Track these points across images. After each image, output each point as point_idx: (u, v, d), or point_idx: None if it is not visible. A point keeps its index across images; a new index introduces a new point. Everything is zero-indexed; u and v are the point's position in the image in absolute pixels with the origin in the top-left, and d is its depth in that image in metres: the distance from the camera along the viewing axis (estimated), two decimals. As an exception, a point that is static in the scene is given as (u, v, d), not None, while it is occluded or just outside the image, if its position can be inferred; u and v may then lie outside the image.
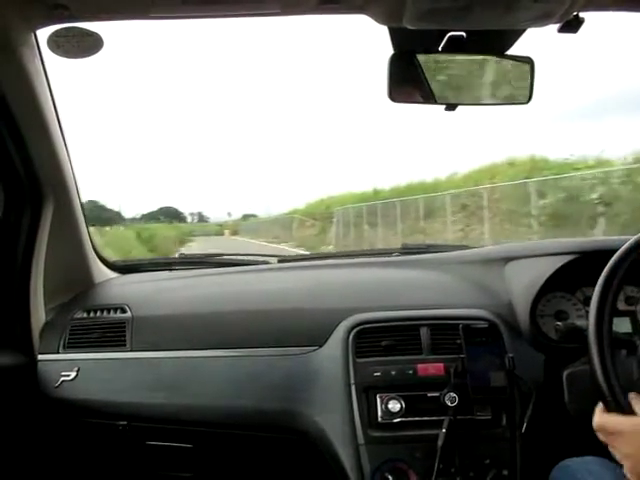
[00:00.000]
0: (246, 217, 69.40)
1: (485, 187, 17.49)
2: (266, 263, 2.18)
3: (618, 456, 1.09)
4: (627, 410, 1.08)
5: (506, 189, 16.66)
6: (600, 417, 1.11)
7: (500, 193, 16.76)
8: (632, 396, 1.09)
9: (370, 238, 21.66)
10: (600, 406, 1.13)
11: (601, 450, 1.25)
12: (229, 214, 69.33)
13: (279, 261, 2.18)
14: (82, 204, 1.85)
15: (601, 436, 1.12)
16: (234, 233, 52.60)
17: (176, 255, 2.42)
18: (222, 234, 52.57)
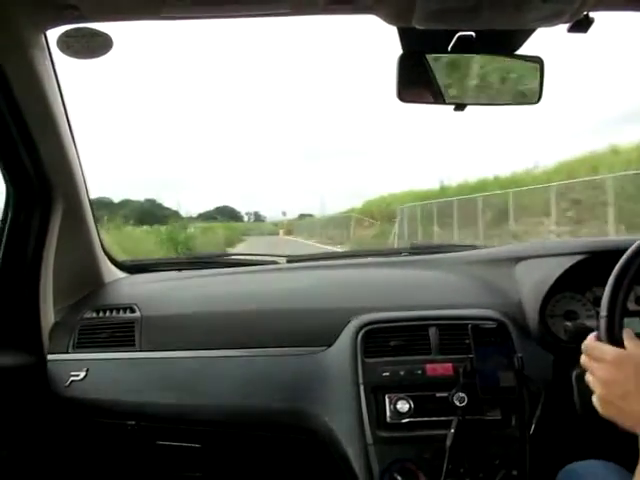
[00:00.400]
0: (302, 217, 66.97)
1: (613, 175, 13.61)
2: (275, 263, 2.18)
3: (593, 382, 1.10)
4: (618, 341, 1.10)
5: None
6: (590, 341, 1.14)
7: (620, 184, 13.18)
8: (627, 330, 1.11)
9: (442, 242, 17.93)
10: (594, 333, 1.16)
11: (609, 451, 1.24)
12: (284, 213, 66.98)
13: (288, 261, 2.18)
14: (91, 204, 1.86)
15: (584, 359, 1.14)
16: (288, 233, 49.82)
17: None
18: (277, 234, 49.73)
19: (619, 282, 1.17)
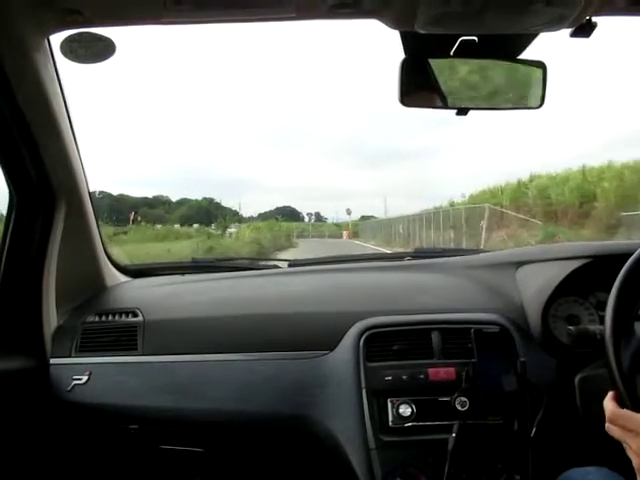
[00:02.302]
0: (365, 218, 59.15)
1: None
2: (277, 267, 2.18)
3: (631, 453, 1.06)
4: None
5: None
6: (616, 411, 1.09)
7: None
8: None
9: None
10: (610, 396, 1.11)
11: (611, 456, 1.23)
12: (348, 212, 53.35)
13: (290, 265, 2.18)
14: (94, 208, 1.86)
15: (615, 431, 1.09)
16: (354, 235, 43.04)
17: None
18: (339, 236, 44.15)
19: (626, 284, 1.16)
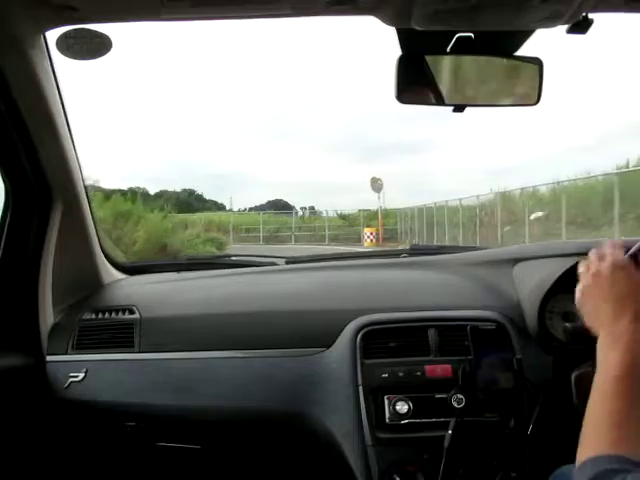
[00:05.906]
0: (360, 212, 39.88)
1: None
2: (274, 264, 2.18)
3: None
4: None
5: None
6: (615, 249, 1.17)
7: None
8: None
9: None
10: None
11: None
12: (377, 185, 27.51)
13: (287, 262, 2.17)
14: (91, 205, 1.86)
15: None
16: (387, 238, 25.05)
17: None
18: (352, 240, 25.73)
19: None
